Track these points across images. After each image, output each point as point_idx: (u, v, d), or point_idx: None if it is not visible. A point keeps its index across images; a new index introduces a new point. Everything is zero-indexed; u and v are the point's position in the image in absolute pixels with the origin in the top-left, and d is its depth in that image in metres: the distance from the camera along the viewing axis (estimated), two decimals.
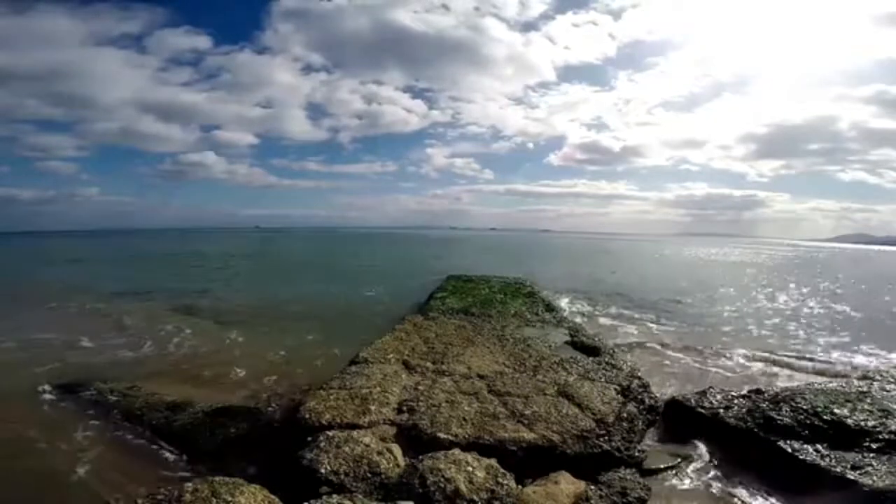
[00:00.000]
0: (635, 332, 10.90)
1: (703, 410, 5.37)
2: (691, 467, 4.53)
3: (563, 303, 14.02)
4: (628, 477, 4.01)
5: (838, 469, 4.01)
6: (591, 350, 7.42)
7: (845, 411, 4.86)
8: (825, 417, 4.76)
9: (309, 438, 4.07)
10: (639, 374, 6.38)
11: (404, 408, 4.77)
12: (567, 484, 3.61)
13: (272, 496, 3.19)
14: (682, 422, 5.41)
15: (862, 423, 4.64)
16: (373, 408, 4.70)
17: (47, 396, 6.30)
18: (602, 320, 12.08)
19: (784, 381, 7.34)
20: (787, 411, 4.91)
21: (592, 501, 3.63)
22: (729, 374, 7.74)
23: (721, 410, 5.27)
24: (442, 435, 4.21)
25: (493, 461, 3.77)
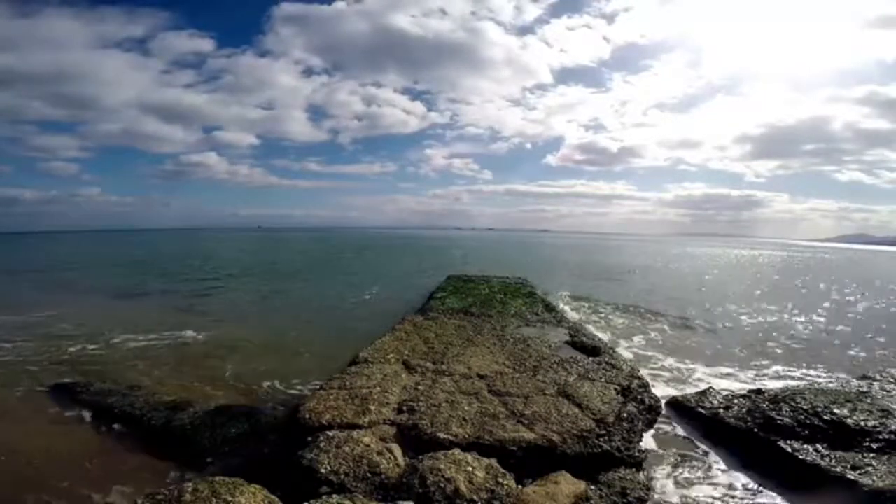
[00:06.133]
0: (638, 335, 10.90)
1: (703, 410, 5.38)
2: (691, 467, 4.53)
3: (563, 305, 14.02)
4: (628, 477, 4.01)
5: (838, 469, 4.01)
6: (591, 350, 7.40)
7: (845, 411, 4.86)
8: (825, 417, 4.76)
9: (309, 438, 4.07)
10: (639, 374, 6.38)
11: (404, 408, 4.77)
12: (567, 484, 3.60)
13: (272, 496, 3.19)
14: (682, 422, 5.42)
15: (862, 423, 4.64)
16: (373, 408, 4.70)
17: (48, 396, 6.30)
18: (608, 320, 12.10)
19: (784, 381, 7.33)
20: (787, 411, 4.91)
21: (592, 501, 3.63)
22: (729, 375, 7.75)
23: (721, 410, 5.27)
24: (442, 435, 4.20)
25: (493, 461, 3.77)
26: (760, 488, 4.15)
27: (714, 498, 4.07)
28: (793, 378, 7.57)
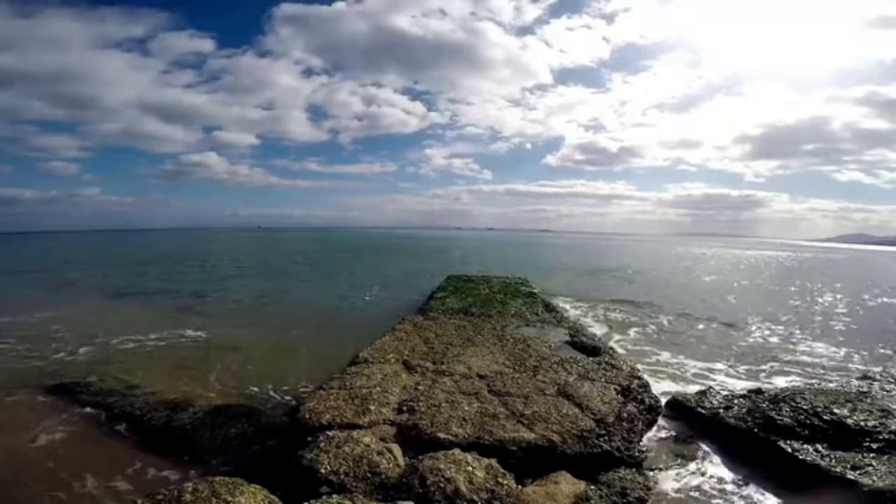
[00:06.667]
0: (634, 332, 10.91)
1: (703, 410, 5.37)
2: (691, 467, 4.54)
3: (563, 303, 14.02)
4: (628, 477, 4.01)
5: (838, 469, 4.01)
6: (591, 350, 7.41)
7: (845, 411, 4.86)
8: (825, 417, 4.75)
9: (309, 438, 4.07)
10: (639, 373, 6.38)
11: (404, 408, 4.77)
12: (567, 484, 3.60)
13: (272, 496, 3.19)
14: (682, 422, 5.42)
15: (862, 423, 4.64)
16: (373, 408, 4.70)
17: (48, 397, 6.30)
18: (611, 316, 12.10)
19: (784, 381, 7.33)
20: (787, 411, 4.91)
21: (592, 501, 3.63)
22: (729, 374, 7.75)
23: (721, 410, 5.27)
24: (442, 435, 4.21)
25: (493, 461, 3.77)
26: (760, 488, 4.15)
27: (714, 498, 4.08)
28: (793, 378, 7.57)
